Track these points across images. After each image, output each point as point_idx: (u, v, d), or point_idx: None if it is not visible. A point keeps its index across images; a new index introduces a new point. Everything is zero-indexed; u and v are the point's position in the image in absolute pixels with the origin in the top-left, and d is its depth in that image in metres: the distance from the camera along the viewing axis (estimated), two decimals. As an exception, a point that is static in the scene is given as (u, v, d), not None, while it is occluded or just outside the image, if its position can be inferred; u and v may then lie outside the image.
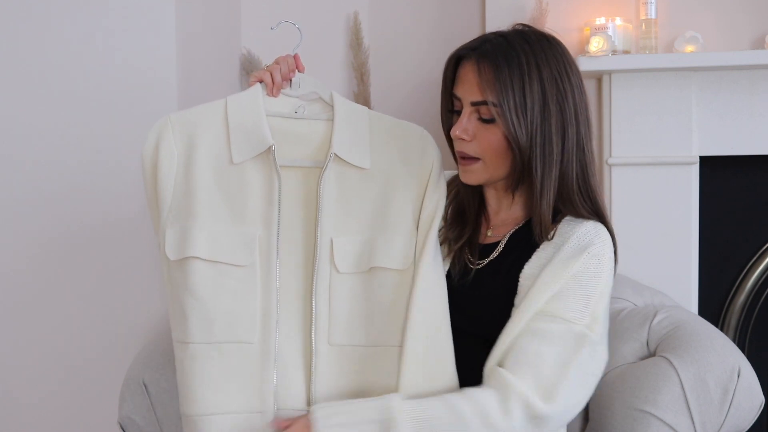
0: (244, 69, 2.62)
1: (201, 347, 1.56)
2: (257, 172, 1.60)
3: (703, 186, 2.34)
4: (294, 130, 1.64)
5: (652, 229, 2.31)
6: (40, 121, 2.26)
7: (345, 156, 1.61)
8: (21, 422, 2.32)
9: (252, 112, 1.61)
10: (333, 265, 1.60)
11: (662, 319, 1.98)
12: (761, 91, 2.28)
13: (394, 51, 2.70)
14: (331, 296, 1.60)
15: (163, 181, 1.58)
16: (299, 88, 1.66)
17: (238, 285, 1.57)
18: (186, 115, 1.61)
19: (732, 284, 2.40)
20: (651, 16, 2.30)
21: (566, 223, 1.61)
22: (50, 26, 2.24)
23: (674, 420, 1.79)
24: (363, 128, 1.65)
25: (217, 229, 1.57)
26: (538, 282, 1.54)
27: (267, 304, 1.58)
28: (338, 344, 1.60)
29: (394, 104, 2.70)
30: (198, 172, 1.58)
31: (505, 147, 1.58)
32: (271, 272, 1.58)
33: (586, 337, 1.52)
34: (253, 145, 1.59)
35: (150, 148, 1.60)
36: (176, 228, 1.57)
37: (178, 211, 1.58)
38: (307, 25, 2.70)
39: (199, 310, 1.56)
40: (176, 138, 1.59)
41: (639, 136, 2.31)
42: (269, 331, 1.58)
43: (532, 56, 1.57)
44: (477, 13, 2.60)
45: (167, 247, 1.57)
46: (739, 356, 1.87)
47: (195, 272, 1.55)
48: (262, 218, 1.59)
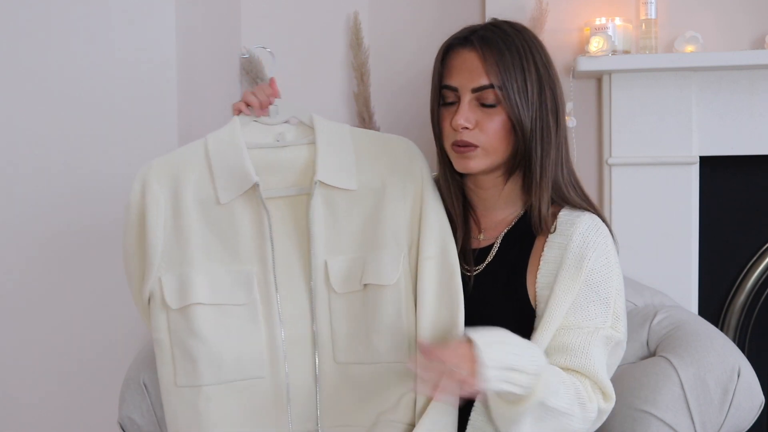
0: (244, 69, 2.62)
1: (215, 388, 1.58)
2: (245, 209, 1.60)
3: (703, 186, 2.34)
4: (277, 159, 1.63)
5: (652, 229, 2.31)
6: (39, 121, 2.26)
7: (330, 181, 1.61)
8: (21, 422, 2.32)
9: (233, 148, 1.60)
10: (329, 286, 1.61)
11: (662, 319, 1.98)
12: (761, 91, 2.28)
13: (394, 51, 2.70)
14: (332, 317, 1.61)
15: (153, 229, 1.58)
16: (278, 114, 1.66)
17: (241, 323, 1.59)
18: (168, 160, 1.61)
19: (732, 284, 2.40)
20: (651, 16, 2.30)
21: (563, 218, 1.61)
22: (50, 26, 2.24)
23: (674, 420, 1.79)
24: (347, 148, 1.64)
25: (214, 271, 1.59)
26: (555, 293, 1.56)
27: (272, 337, 1.60)
28: (344, 362, 1.61)
29: (394, 104, 2.70)
30: (187, 217, 1.58)
31: (507, 131, 1.58)
32: (272, 306, 1.60)
33: (612, 337, 1.58)
34: (238, 184, 1.59)
35: (136, 197, 1.59)
36: (173, 275, 1.58)
37: (170, 257, 1.58)
38: (307, 25, 2.71)
39: (207, 352, 1.57)
40: (161, 184, 1.59)
41: (639, 136, 2.31)
42: (278, 363, 1.60)
43: (525, 43, 1.60)
44: (477, 13, 2.60)
45: (167, 294, 1.57)
46: (739, 356, 1.87)
47: (199, 317, 1.57)
48: (256, 255, 1.60)
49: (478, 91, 1.58)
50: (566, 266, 1.57)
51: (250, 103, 1.65)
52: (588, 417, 1.52)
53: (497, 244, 1.65)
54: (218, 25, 2.54)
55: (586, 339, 1.54)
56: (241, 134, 1.61)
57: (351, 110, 2.70)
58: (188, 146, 1.63)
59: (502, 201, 1.67)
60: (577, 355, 1.53)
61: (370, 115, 2.65)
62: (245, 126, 1.64)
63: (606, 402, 1.55)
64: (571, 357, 1.54)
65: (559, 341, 1.55)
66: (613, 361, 1.61)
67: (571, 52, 2.36)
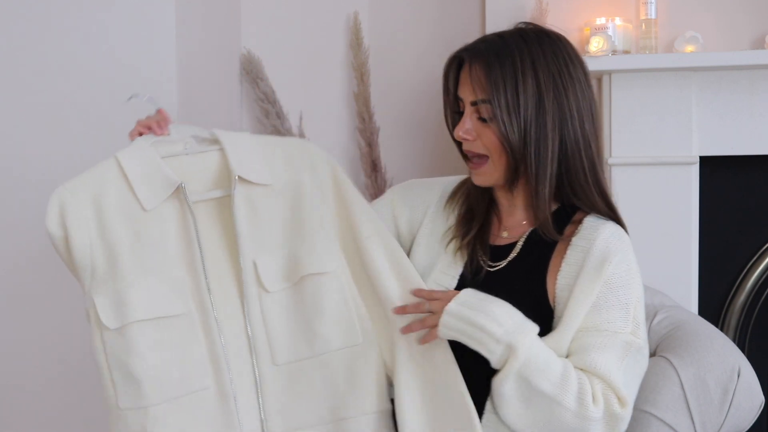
0: (244, 69, 2.62)
1: (161, 407, 1.52)
2: (171, 215, 1.57)
3: (703, 186, 2.34)
4: (191, 166, 1.61)
5: (652, 229, 2.31)
6: (40, 121, 2.26)
7: (248, 176, 1.59)
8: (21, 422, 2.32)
9: (147, 158, 1.57)
10: (261, 286, 1.58)
11: (662, 319, 1.98)
12: (761, 91, 2.28)
13: (394, 51, 2.70)
14: (265, 318, 1.59)
15: (80, 249, 1.52)
16: (177, 133, 1.63)
17: (180, 335, 1.54)
18: (80, 180, 1.55)
19: (732, 284, 2.40)
20: (651, 16, 2.30)
21: (588, 224, 1.62)
22: (50, 26, 2.24)
23: (674, 420, 1.79)
24: (253, 148, 1.64)
25: (147, 283, 1.53)
26: (575, 294, 1.56)
27: (212, 345, 1.56)
28: (283, 363, 1.59)
29: (394, 104, 2.70)
30: (114, 232, 1.53)
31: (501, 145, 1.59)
32: (207, 313, 1.56)
33: (632, 344, 1.56)
34: (161, 188, 1.55)
35: (55, 220, 1.52)
36: (107, 294, 1.52)
37: (103, 275, 1.53)
38: (307, 25, 2.71)
39: (151, 370, 1.51)
40: (81, 202, 1.53)
41: (639, 136, 2.31)
42: (221, 371, 1.56)
43: (528, 54, 1.58)
44: (477, 12, 2.60)
45: (102, 315, 1.51)
46: (739, 356, 1.87)
47: (139, 335, 1.51)
48: (186, 262, 1.56)
49: (475, 105, 1.60)
50: (587, 269, 1.57)
51: (148, 125, 1.62)
52: (587, 416, 1.49)
53: (521, 243, 1.66)
54: (218, 25, 2.54)
55: (603, 341, 1.53)
56: (149, 147, 1.58)
57: (351, 110, 2.70)
58: (97, 166, 1.58)
59: (521, 206, 1.68)
60: (592, 354, 1.52)
61: (370, 115, 2.65)
62: (150, 143, 1.60)
63: (622, 407, 1.51)
64: (586, 357, 1.52)
65: (578, 343, 1.54)
66: (637, 370, 1.58)
67: (571, 52, 2.36)
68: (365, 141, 2.65)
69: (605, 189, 1.65)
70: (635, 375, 1.58)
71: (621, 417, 1.52)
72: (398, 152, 2.69)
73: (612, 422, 1.52)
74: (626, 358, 1.54)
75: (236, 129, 2.66)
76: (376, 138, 2.65)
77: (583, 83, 1.61)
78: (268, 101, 2.60)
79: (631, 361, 1.56)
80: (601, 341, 1.53)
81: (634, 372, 1.57)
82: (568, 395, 1.49)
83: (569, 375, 1.50)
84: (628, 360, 1.55)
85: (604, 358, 1.52)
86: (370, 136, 2.65)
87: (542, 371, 1.48)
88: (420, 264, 1.71)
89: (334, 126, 2.71)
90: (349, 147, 2.71)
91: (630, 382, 1.55)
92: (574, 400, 1.49)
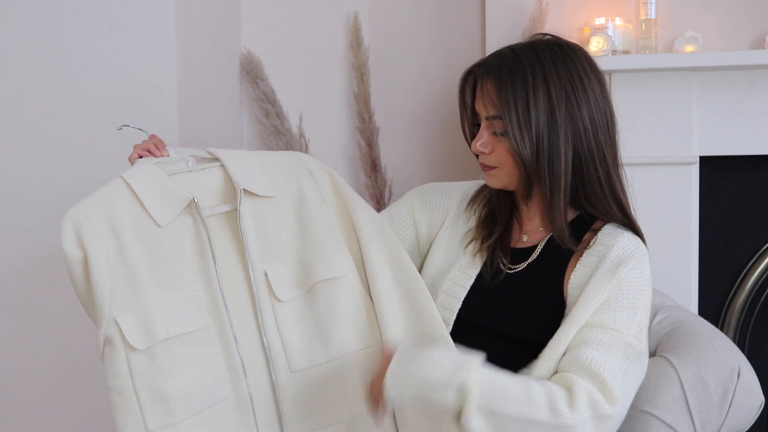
0: (244, 69, 2.62)
1: (188, 423, 1.53)
2: (185, 230, 1.57)
3: (703, 186, 2.34)
4: (195, 183, 1.61)
5: (652, 229, 2.29)
6: (39, 121, 2.26)
7: (252, 188, 1.61)
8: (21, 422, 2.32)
9: (154, 176, 1.56)
10: (273, 296, 1.60)
11: (662, 319, 1.98)
12: (761, 91, 2.28)
13: (394, 51, 2.70)
14: (279, 326, 1.60)
15: (99, 269, 1.48)
16: (176, 154, 1.64)
17: (201, 350, 1.55)
18: (90, 200, 1.53)
19: (732, 284, 2.40)
20: (651, 16, 2.30)
21: (607, 231, 1.64)
22: (50, 26, 2.24)
23: (674, 420, 1.79)
24: (251, 163, 1.65)
25: (168, 300, 1.53)
26: (586, 292, 1.57)
27: (230, 357, 1.57)
28: (300, 369, 1.60)
29: (394, 104, 2.70)
30: (130, 249, 1.51)
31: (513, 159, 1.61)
32: (224, 325, 1.57)
33: (634, 347, 1.56)
34: (173, 204, 1.55)
35: (71, 240, 1.49)
36: (131, 315, 1.49)
37: (123, 296, 1.50)
38: (307, 25, 2.71)
39: (179, 388, 1.51)
40: (95, 221, 1.50)
41: (639, 136, 2.31)
42: (239, 381, 1.57)
43: (539, 68, 1.58)
44: (477, 13, 2.60)
45: (129, 337, 1.48)
46: (739, 356, 1.87)
47: (167, 354, 1.51)
48: (202, 276, 1.57)
49: (489, 119, 1.62)
50: (601, 270, 1.58)
51: (146, 147, 1.63)
52: (564, 423, 1.47)
53: (541, 246, 1.67)
54: (218, 25, 2.54)
55: (607, 340, 1.54)
56: (154, 166, 1.58)
57: (351, 110, 2.70)
58: (104, 187, 1.56)
59: (538, 214, 1.70)
60: (591, 351, 1.52)
61: (370, 115, 2.65)
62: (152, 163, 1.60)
63: (611, 405, 1.50)
64: (584, 351, 1.52)
65: (579, 337, 1.55)
66: (637, 375, 1.58)
67: (571, 52, 2.36)
68: (365, 141, 2.65)
69: (621, 198, 1.66)
70: (633, 379, 1.58)
71: (610, 416, 1.50)
72: (398, 152, 2.69)
73: (600, 423, 1.50)
74: (628, 361, 1.55)
75: (236, 129, 2.66)
76: (376, 138, 2.65)
77: (597, 94, 1.61)
78: (268, 101, 2.60)
79: (632, 365, 1.56)
80: (605, 339, 1.54)
81: (633, 376, 1.57)
82: (538, 409, 1.46)
83: (533, 390, 1.48)
84: (630, 363, 1.55)
85: (604, 357, 1.52)
86: (370, 136, 2.65)
87: (502, 397, 1.46)
88: (438, 264, 1.74)
89: (334, 126, 2.71)
90: (349, 147, 2.71)
91: (626, 385, 1.54)
92: (546, 412, 1.47)
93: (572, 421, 1.47)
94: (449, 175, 2.60)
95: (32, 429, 2.33)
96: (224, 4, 2.58)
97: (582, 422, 1.48)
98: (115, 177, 1.55)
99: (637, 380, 1.59)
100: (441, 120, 2.62)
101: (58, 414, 2.32)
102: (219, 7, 2.54)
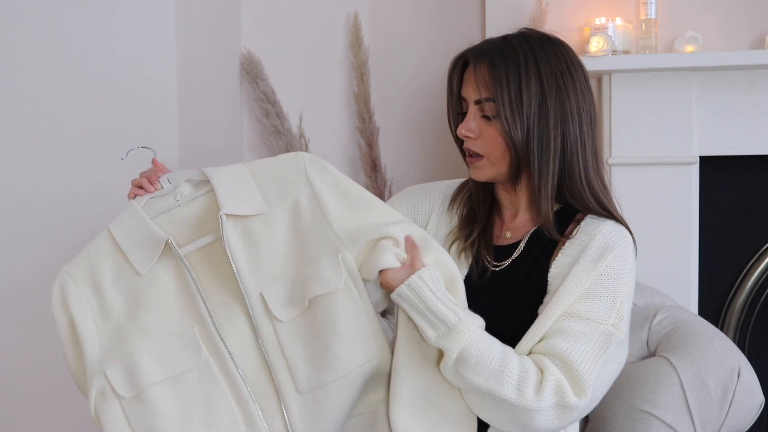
0: (244, 69, 2.62)
1: None
2: (167, 273, 1.58)
3: (703, 186, 2.34)
4: (182, 218, 1.61)
5: (652, 229, 2.31)
6: (39, 121, 2.26)
7: (236, 210, 1.58)
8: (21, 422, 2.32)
9: (136, 224, 1.59)
10: (272, 316, 1.58)
11: (662, 319, 1.98)
12: (761, 91, 2.28)
13: (394, 51, 2.70)
14: (282, 347, 1.58)
15: (85, 328, 1.56)
16: (169, 183, 1.64)
17: (199, 387, 1.55)
18: (78, 261, 1.60)
19: (732, 284, 2.40)
20: (651, 16, 2.30)
21: (589, 221, 1.63)
22: (50, 26, 2.24)
23: (674, 420, 1.79)
24: (244, 179, 1.63)
25: (155, 346, 1.55)
26: (567, 282, 1.57)
27: (236, 389, 1.56)
28: (308, 390, 1.58)
29: (394, 104, 2.70)
30: (112, 303, 1.57)
31: (503, 143, 1.61)
32: (225, 360, 1.56)
33: (612, 336, 1.55)
34: (151, 249, 1.57)
35: (58, 304, 1.58)
36: (116, 366, 1.54)
37: (110, 348, 1.56)
38: (307, 25, 2.71)
39: (177, 427, 1.53)
40: (78, 284, 1.58)
41: (639, 136, 2.31)
42: (251, 413, 1.56)
43: (531, 54, 1.60)
44: (477, 12, 2.60)
45: (116, 386, 1.53)
46: (739, 356, 1.87)
47: (157, 397, 1.53)
48: (191, 314, 1.57)
49: (479, 103, 1.62)
50: (583, 260, 1.58)
51: (139, 184, 1.64)
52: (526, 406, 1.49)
53: (524, 242, 1.67)
54: (218, 25, 2.54)
55: (582, 330, 1.54)
56: (140, 210, 1.60)
57: (351, 110, 2.70)
58: (93, 242, 1.62)
59: (523, 205, 1.69)
60: (567, 341, 1.52)
61: (370, 115, 2.65)
62: (143, 204, 1.62)
63: (578, 398, 1.50)
64: (558, 341, 1.52)
65: (556, 326, 1.55)
66: (615, 365, 1.58)
67: (571, 52, 2.36)
68: (365, 141, 2.65)
69: (598, 192, 1.65)
70: (612, 369, 1.57)
71: (575, 407, 1.51)
72: (398, 152, 2.69)
73: (562, 412, 1.51)
74: (607, 351, 1.54)
75: (236, 129, 2.66)
76: (376, 138, 2.65)
77: (584, 86, 1.63)
78: (268, 101, 2.60)
79: (612, 355, 1.55)
80: (581, 329, 1.54)
81: (610, 366, 1.56)
82: (505, 387, 1.49)
83: (508, 364, 1.51)
84: (609, 353, 1.54)
85: (579, 348, 1.52)
86: (370, 136, 2.65)
87: (477, 365, 1.50)
88: None
89: (334, 126, 2.71)
90: (349, 147, 2.71)
91: (603, 375, 1.54)
92: (512, 391, 1.49)
93: (535, 405, 1.49)
94: (449, 175, 2.59)
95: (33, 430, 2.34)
96: (224, 4, 2.58)
97: (544, 408, 1.50)
98: (104, 229, 1.61)
99: (616, 369, 1.59)
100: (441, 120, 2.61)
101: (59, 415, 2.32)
102: (219, 7, 2.55)
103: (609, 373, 1.57)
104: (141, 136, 2.24)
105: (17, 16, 2.25)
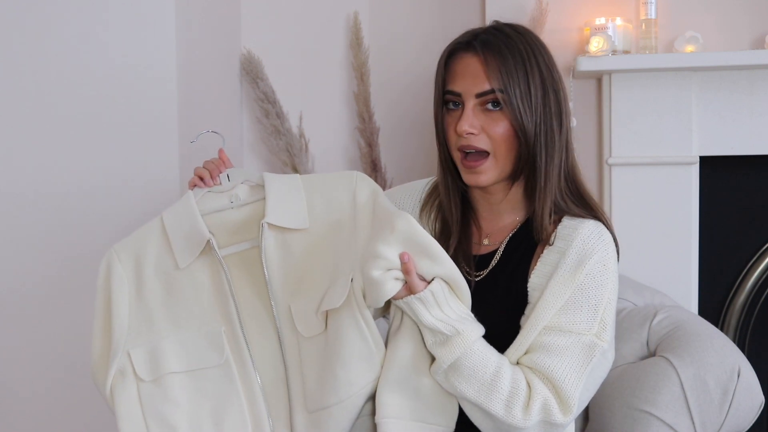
0: (244, 69, 2.62)
1: None
2: (204, 270, 1.62)
3: (703, 186, 2.34)
4: (232, 220, 1.65)
5: (652, 229, 2.31)
6: (39, 121, 2.26)
7: (279, 221, 1.60)
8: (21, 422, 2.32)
9: (187, 216, 1.63)
10: (296, 331, 1.60)
11: (662, 319, 1.98)
12: (761, 91, 2.28)
13: (394, 51, 2.70)
14: (303, 363, 1.60)
15: (118, 306, 1.60)
16: (228, 181, 1.66)
17: (218, 385, 1.59)
18: (128, 241, 1.65)
19: (732, 284, 2.40)
20: (651, 16, 2.30)
21: (566, 223, 1.60)
22: (49, 26, 2.24)
23: (674, 420, 1.79)
24: (296, 192, 1.64)
25: (182, 338, 1.60)
26: (546, 294, 1.54)
27: (252, 394, 1.59)
28: (314, 410, 1.59)
29: (394, 104, 2.70)
30: (149, 290, 1.61)
31: (512, 135, 1.57)
32: (246, 363, 1.60)
33: (596, 346, 1.53)
34: (194, 245, 1.61)
35: (102, 279, 1.63)
36: (142, 348, 1.59)
37: (138, 332, 1.60)
38: (307, 25, 2.71)
39: (186, 417, 1.58)
40: (123, 264, 1.63)
41: (639, 136, 2.31)
42: (261, 420, 1.59)
43: (528, 46, 1.59)
44: (477, 13, 2.61)
45: (138, 368, 1.58)
46: (739, 356, 1.87)
47: (174, 385, 1.58)
48: (221, 314, 1.61)
49: (482, 96, 1.57)
50: (562, 270, 1.55)
51: (201, 175, 1.66)
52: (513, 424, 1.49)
53: (501, 250, 1.64)
54: (218, 25, 2.54)
55: (565, 343, 1.52)
56: (194, 203, 1.63)
57: (351, 110, 2.70)
58: (146, 225, 1.66)
59: (507, 206, 1.66)
60: (549, 357, 1.51)
61: (370, 115, 2.65)
62: (200, 196, 1.65)
63: (564, 416, 1.50)
64: (542, 357, 1.51)
65: (538, 340, 1.53)
66: (598, 373, 1.56)
67: (571, 52, 2.36)
68: (365, 141, 2.65)
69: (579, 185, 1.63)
70: (594, 378, 1.55)
71: (561, 424, 1.51)
72: (398, 152, 2.69)
73: (548, 428, 1.51)
74: (591, 363, 1.52)
75: (236, 129, 2.66)
76: (376, 138, 2.65)
77: (562, 80, 1.63)
78: (268, 101, 2.60)
79: (596, 366, 1.53)
80: (563, 343, 1.52)
81: (595, 375, 1.55)
82: (495, 402, 1.49)
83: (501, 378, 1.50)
84: (593, 365, 1.53)
85: (563, 364, 1.51)
86: (370, 136, 2.65)
87: (469, 377, 1.49)
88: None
89: (334, 126, 2.71)
90: (349, 147, 2.71)
91: (584, 385, 1.53)
92: (500, 407, 1.49)
93: (522, 423, 1.49)
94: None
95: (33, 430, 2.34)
96: (224, 4, 2.58)
97: (531, 426, 1.49)
98: (158, 215, 1.65)
99: (601, 376, 1.57)
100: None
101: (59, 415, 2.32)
102: (219, 7, 2.55)
103: (595, 380, 1.56)
104: (141, 136, 2.24)
105: (17, 17, 2.25)
